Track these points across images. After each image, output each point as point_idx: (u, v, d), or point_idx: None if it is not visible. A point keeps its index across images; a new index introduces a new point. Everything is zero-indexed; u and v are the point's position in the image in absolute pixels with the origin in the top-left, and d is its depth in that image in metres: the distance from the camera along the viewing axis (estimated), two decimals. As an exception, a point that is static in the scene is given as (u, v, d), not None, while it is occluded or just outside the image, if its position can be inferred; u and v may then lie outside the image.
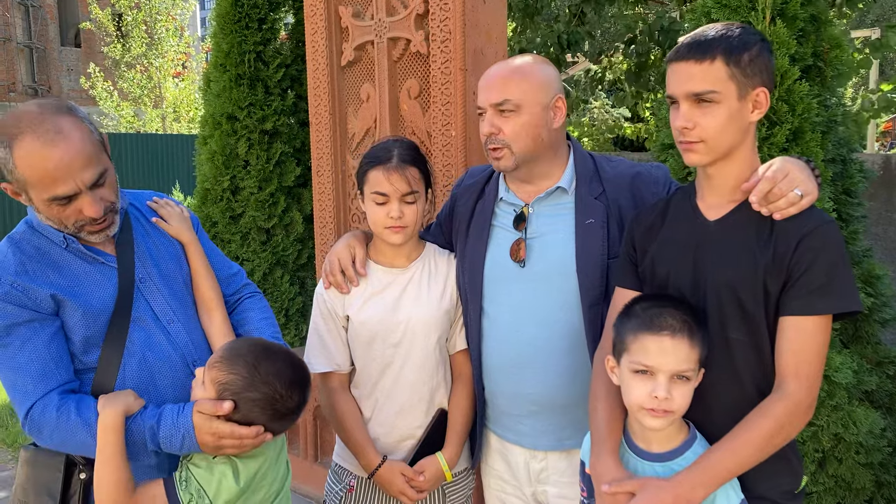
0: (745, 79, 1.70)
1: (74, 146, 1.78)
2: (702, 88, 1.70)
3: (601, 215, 2.09)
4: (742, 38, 1.71)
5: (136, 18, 20.31)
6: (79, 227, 1.86)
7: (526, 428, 2.18)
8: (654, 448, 1.78)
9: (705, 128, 1.72)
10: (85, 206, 1.82)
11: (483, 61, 3.13)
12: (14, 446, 5.40)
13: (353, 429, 2.24)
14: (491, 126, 2.08)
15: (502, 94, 2.06)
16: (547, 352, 2.11)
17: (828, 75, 2.94)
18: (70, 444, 1.80)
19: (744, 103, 1.71)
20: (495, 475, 2.31)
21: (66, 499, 1.86)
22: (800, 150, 2.75)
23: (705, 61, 1.70)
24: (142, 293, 1.97)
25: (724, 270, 1.76)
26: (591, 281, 2.06)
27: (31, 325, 1.81)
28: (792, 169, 1.70)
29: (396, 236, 2.16)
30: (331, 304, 2.25)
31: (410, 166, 2.15)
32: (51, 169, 1.75)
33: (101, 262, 1.93)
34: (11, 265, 1.83)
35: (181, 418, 1.80)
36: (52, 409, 1.78)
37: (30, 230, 1.91)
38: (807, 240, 1.67)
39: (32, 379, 1.79)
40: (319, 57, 3.55)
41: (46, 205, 1.81)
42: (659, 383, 1.68)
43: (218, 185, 4.86)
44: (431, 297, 2.23)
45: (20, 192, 1.83)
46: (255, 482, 1.84)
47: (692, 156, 1.77)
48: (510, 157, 2.09)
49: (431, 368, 2.24)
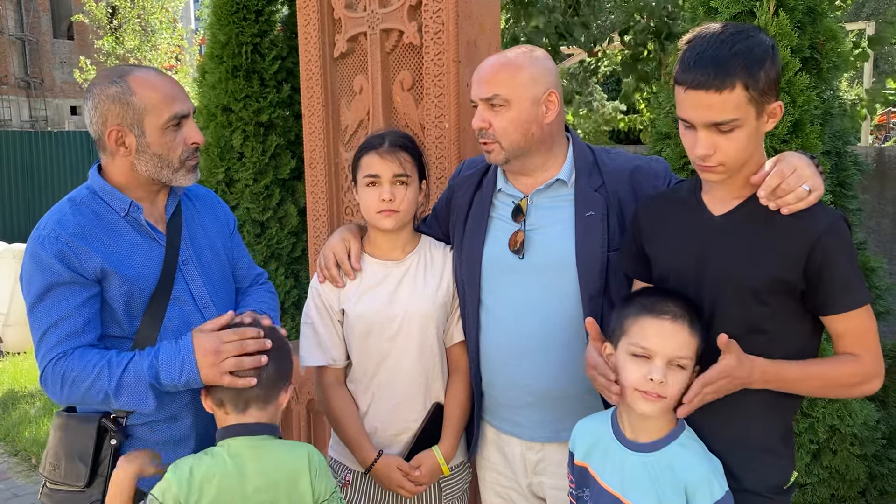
0: (763, 97, 1.66)
1: (175, 79, 2.03)
2: (723, 118, 1.65)
3: (601, 208, 2.08)
4: (756, 55, 1.64)
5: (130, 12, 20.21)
6: (183, 159, 2.01)
7: (523, 419, 2.18)
8: (641, 439, 1.78)
9: (726, 152, 1.69)
10: (192, 132, 2.00)
11: (476, 53, 3.11)
12: (6, 440, 5.38)
13: (349, 423, 2.23)
14: (481, 121, 2.07)
15: (491, 88, 2.05)
16: (545, 344, 2.10)
17: (824, 67, 2.94)
18: (77, 395, 1.88)
19: (762, 119, 1.69)
20: (491, 468, 2.30)
21: (97, 464, 1.93)
22: (800, 142, 2.75)
23: (724, 91, 1.63)
24: (183, 274, 2.06)
25: (729, 265, 1.76)
26: (591, 273, 2.06)
27: (71, 287, 1.88)
28: (799, 164, 1.70)
29: (388, 220, 2.15)
30: (326, 298, 2.24)
31: (402, 151, 2.16)
32: (166, 86, 1.96)
33: (153, 238, 2.03)
34: (71, 225, 1.92)
35: (181, 342, 1.89)
36: (61, 365, 1.86)
37: (91, 195, 2.00)
38: (826, 238, 1.67)
39: (59, 336, 1.87)
40: (312, 48, 3.52)
41: (161, 132, 1.95)
42: (655, 366, 1.70)
43: (213, 177, 4.84)
44: (427, 289, 2.22)
45: (131, 129, 1.94)
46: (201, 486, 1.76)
47: (711, 176, 1.74)
48: (500, 151, 2.08)
49: (428, 361, 2.23)
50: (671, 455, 1.74)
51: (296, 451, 1.86)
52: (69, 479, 1.94)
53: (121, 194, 2.00)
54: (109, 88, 1.93)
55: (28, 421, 5.66)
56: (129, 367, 1.86)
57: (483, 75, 2.09)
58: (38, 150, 16.55)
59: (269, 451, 1.83)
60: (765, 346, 1.73)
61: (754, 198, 1.74)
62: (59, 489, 1.98)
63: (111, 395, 1.85)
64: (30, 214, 16.15)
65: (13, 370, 7.11)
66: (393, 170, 2.13)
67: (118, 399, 1.86)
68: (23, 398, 6.28)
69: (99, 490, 1.92)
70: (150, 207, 2.07)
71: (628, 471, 1.78)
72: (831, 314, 1.71)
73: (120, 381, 1.84)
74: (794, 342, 1.77)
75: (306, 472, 1.83)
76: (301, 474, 1.83)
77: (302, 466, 1.83)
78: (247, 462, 1.79)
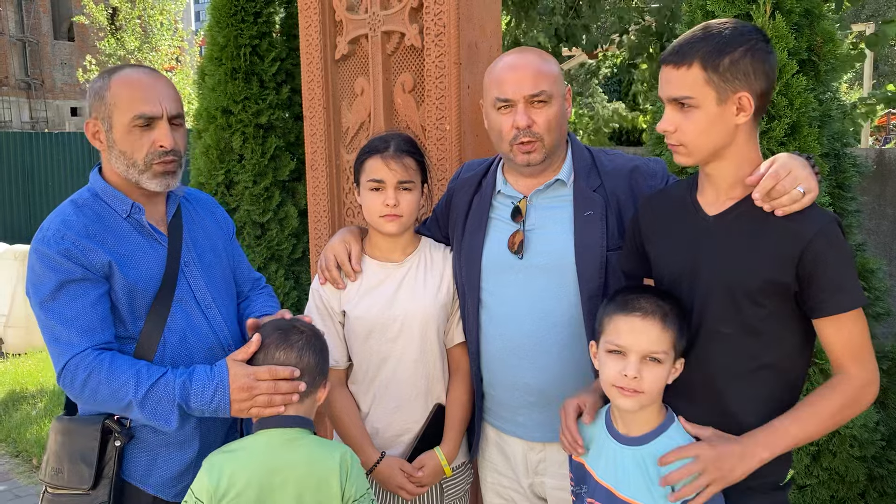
0: (725, 84, 1.70)
1: (165, 80, 2.03)
2: (679, 94, 1.73)
3: (600, 207, 2.09)
4: (725, 41, 1.70)
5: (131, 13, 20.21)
6: (149, 162, 1.97)
7: (524, 419, 2.19)
8: (633, 432, 1.82)
9: (685, 132, 1.75)
10: (161, 135, 1.96)
11: (477, 55, 3.12)
12: (8, 440, 5.39)
13: (351, 425, 2.24)
14: (526, 118, 2.05)
15: (537, 85, 2.05)
16: (546, 343, 2.11)
17: (821, 69, 2.95)
18: (99, 396, 1.87)
19: (725, 107, 1.72)
20: (492, 468, 2.31)
21: (102, 465, 1.94)
22: (797, 144, 2.76)
23: (682, 66, 1.72)
24: (185, 275, 2.07)
25: (721, 266, 1.77)
26: (590, 273, 2.07)
27: (83, 284, 1.90)
28: (795, 166, 1.71)
29: (391, 225, 2.16)
30: (327, 299, 2.25)
31: (406, 156, 2.17)
32: (142, 86, 1.96)
33: (155, 239, 2.04)
34: (76, 225, 1.94)
35: (216, 369, 1.90)
36: (89, 362, 1.86)
37: (93, 197, 2.02)
38: (818, 240, 1.68)
39: (77, 332, 1.89)
40: (313, 50, 3.53)
41: (127, 130, 1.95)
42: (629, 362, 1.74)
43: (212, 179, 4.84)
44: (428, 290, 2.23)
45: (103, 124, 1.97)
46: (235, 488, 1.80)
47: (677, 157, 1.81)
48: (542, 149, 2.09)
49: (429, 362, 2.24)
50: (659, 448, 1.77)
51: (329, 449, 1.88)
52: (73, 482, 1.94)
53: (122, 195, 2.02)
54: (97, 83, 2.01)
55: (30, 422, 5.67)
56: (161, 381, 1.86)
57: (523, 73, 2.06)
58: (38, 151, 16.55)
59: (301, 446, 1.86)
60: (759, 349, 1.75)
61: (748, 199, 1.75)
62: (62, 493, 1.98)
63: (135, 405, 1.85)
64: (30, 215, 16.15)
65: (14, 371, 7.11)
66: (398, 176, 2.14)
67: (143, 411, 1.86)
68: (24, 399, 6.29)
69: (104, 492, 1.93)
70: (151, 209, 2.08)
71: (620, 464, 1.81)
72: (821, 316, 1.71)
73: (148, 393, 1.85)
74: (787, 346, 1.77)
75: (337, 472, 1.84)
76: (332, 473, 1.84)
77: (333, 466, 1.85)
78: (277, 454, 1.83)
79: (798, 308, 1.75)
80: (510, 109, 2.07)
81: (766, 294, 1.73)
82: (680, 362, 1.79)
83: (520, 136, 2.06)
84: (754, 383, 1.76)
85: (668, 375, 1.77)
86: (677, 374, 1.79)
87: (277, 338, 1.93)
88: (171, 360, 1.99)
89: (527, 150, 2.07)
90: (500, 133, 2.10)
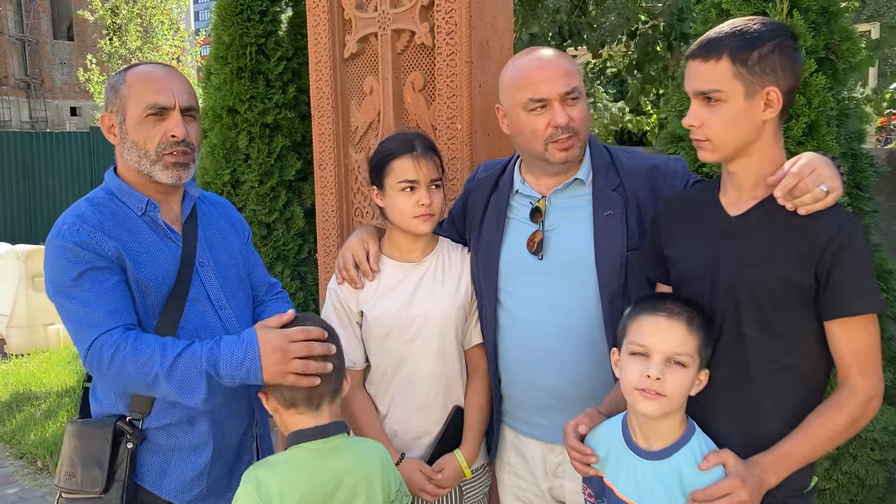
0: (753, 77, 1.68)
1: (180, 74, 2.05)
2: (706, 87, 1.70)
3: (619, 207, 2.07)
4: (754, 36, 1.68)
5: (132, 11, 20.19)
6: (160, 153, 1.97)
7: (543, 421, 2.16)
8: (654, 445, 1.76)
9: (710, 126, 1.72)
10: (173, 125, 1.97)
11: (489, 53, 3.09)
12: (11, 442, 5.35)
13: (369, 426, 2.22)
14: (565, 117, 2.03)
15: (569, 82, 2.05)
16: (565, 345, 2.08)
17: (839, 68, 2.91)
18: (125, 372, 1.84)
19: (752, 102, 1.69)
20: (510, 471, 2.28)
21: (114, 468, 1.92)
22: (815, 143, 2.73)
23: (710, 60, 1.70)
24: (199, 275, 2.05)
25: (743, 267, 1.74)
26: (611, 274, 2.04)
27: (103, 272, 1.90)
28: (819, 165, 1.68)
29: (426, 225, 2.15)
30: (344, 299, 2.23)
31: (434, 154, 2.18)
32: (156, 78, 1.99)
33: (169, 238, 2.04)
34: (91, 220, 1.95)
35: (244, 334, 1.86)
36: (115, 339, 1.84)
37: (108, 196, 2.03)
38: (837, 240, 1.65)
39: (103, 314, 1.87)
40: (322, 49, 3.50)
41: (139, 120, 1.96)
42: (653, 363, 1.69)
43: (218, 178, 4.81)
44: (446, 291, 2.21)
45: (117, 116, 1.99)
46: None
47: (701, 153, 1.78)
48: (578, 144, 2.08)
49: (447, 364, 2.21)
50: (681, 461, 1.72)
51: (370, 450, 1.88)
52: (86, 486, 1.92)
53: (138, 193, 2.01)
54: (114, 78, 2.04)
55: (33, 423, 5.63)
56: (186, 351, 1.84)
57: (555, 71, 2.06)
58: (38, 150, 16.54)
59: (347, 452, 1.83)
60: (780, 351, 1.72)
61: (771, 198, 1.73)
62: (76, 498, 1.96)
63: (162, 377, 1.81)
64: (30, 215, 16.13)
65: (17, 372, 7.08)
66: (429, 175, 2.14)
67: (169, 382, 1.81)
68: (27, 400, 6.25)
69: (117, 495, 1.91)
70: (166, 208, 2.07)
71: (642, 479, 1.76)
72: (833, 318, 1.68)
73: (174, 363, 1.81)
74: (808, 348, 1.74)
75: (379, 471, 1.84)
76: (374, 474, 1.83)
77: (375, 467, 1.84)
78: (324, 465, 1.79)
79: (819, 311, 1.72)
80: (545, 109, 2.05)
81: (787, 295, 1.70)
82: (704, 373, 1.75)
83: (557, 134, 2.04)
84: (777, 385, 1.73)
85: (692, 382, 1.72)
86: (701, 385, 1.74)
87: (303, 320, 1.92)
88: None
89: (565, 147, 2.06)
90: (533, 133, 2.07)
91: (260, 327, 1.88)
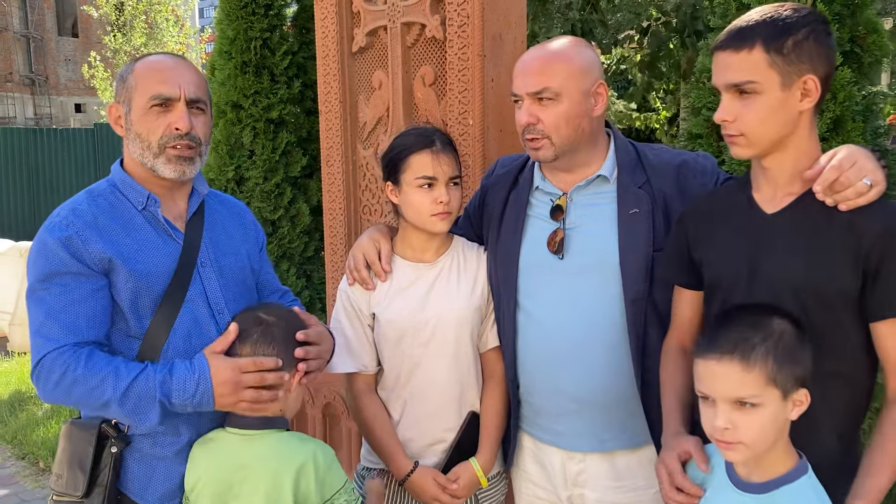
0: (789, 66, 1.58)
1: (190, 65, 1.99)
2: (740, 78, 1.60)
3: (646, 205, 1.98)
4: (787, 22, 1.59)
5: (137, 8, 20.17)
6: (163, 145, 1.90)
7: (564, 428, 2.07)
8: (754, 476, 1.58)
9: (745, 120, 1.62)
10: (177, 117, 1.90)
11: (501, 47, 3.01)
12: (13, 442, 5.28)
13: (382, 433, 2.14)
14: (529, 116, 1.96)
15: (540, 81, 1.95)
16: (587, 348, 2.00)
17: (865, 62, 2.83)
18: (74, 395, 1.80)
19: (789, 92, 1.60)
20: (528, 479, 2.20)
21: (97, 472, 1.85)
22: (841, 139, 2.65)
23: (743, 49, 1.60)
24: (200, 276, 1.98)
25: (783, 267, 1.65)
26: (635, 275, 1.95)
27: (77, 278, 1.83)
28: (860, 157, 1.59)
29: (443, 223, 2.07)
30: (355, 301, 2.14)
31: (452, 149, 2.09)
32: (163, 68, 1.92)
33: (169, 235, 1.96)
34: (85, 214, 1.88)
35: (197, 361, 1.82)
36: (66, 359, 1.78)
37: (110, 188, 1.97)
38: (886, 236, 1.55)
39: (60, 327, 1.81)
40: (329, 43, 3.42)
41: (144, 111, 1.90)
42: (718, 412, 1.52)
43: (222, 175, 4.75)
44: (461, 292, 2.12)
45: (124, 107, 1.93)
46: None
47: (735, 149, 1.68)
48: (549, 147, 1.98)
49: (463, 368, 2.13)
50: (781, 499, 1.54)
51: (293, 448, 1.83)
52: (69, 488, 1.87)
53: (140, 186, 1.95)
54: (124, 69, 1.98)
55: (36, 423, 5.56)
56: (140, 377, 1.78)
57: (530, 68, 1.98)
58: (42, 147, 16.51)
59: (264, 444, 1.83)
60: (823, 357, 1.61)
61: (809, 194, 1.64)
62: (62, 501, 1.91)
63: (114, 403, 1.77)
64: (34, 212, 16.09)
65: (20, 371, 7.02)
66: (449, 172, 2.06)
67: (122, 407, 1.78)
68: (30, 399, 6.18)
69: (98, 500, 1.84)
70: (170, 204, 2.00)
71: None
72: (882, 318, 1.59)
73: (127, 390, 1.77)
74: (854, 353, 1.65)
75: (294, 470, 1.78)
76: (284, 472, 1.79)
77: (289, 465, 1.79)
78: (243, 450, 1.82)
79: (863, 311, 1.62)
80: (520, 105, 2.00)
81: (830, 296, 1.61)
82: (802, 394, 1.53)
83: (526, 133, 1.99)
84: (824, 392, 1.62)
85: (775, 418, 1.51)
86: (802, 407, 1.54)
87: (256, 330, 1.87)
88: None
89: (534, 147, 2.00)
90: (518, 128, 2.02)
91: (209, 354, 1.83)
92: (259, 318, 1.89)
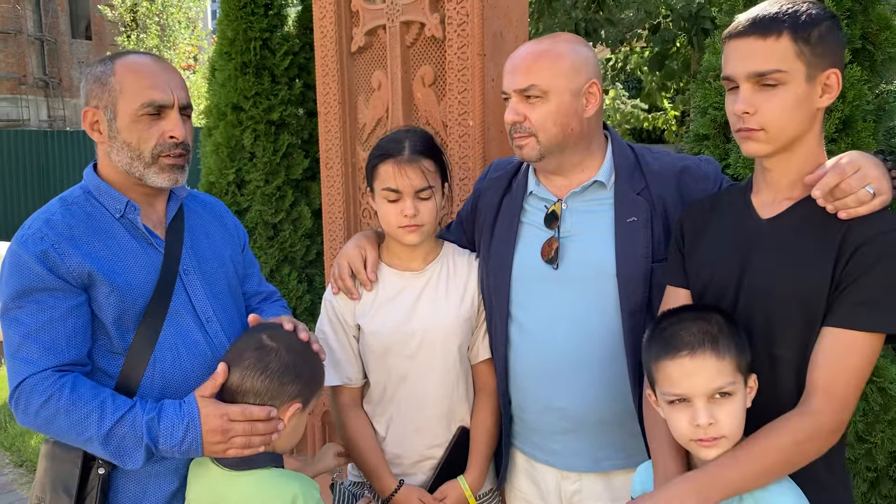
0: (815, 58, 1.50)
1: (173, 67, 1.89)
2: (766, 67, 1.50)
3: (644, 213, 1.89)
4: (811, 14, 1.51)
5: (150, 10, 20.23)
6: (156, 155, 1.81)
7: (558, 447, 1.98)
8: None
9: (767, 113, 1.52)
10: (172, 125, 1.81)
11: (503, 45, 2.93)
12: (12, 449, 5.23)
13: (366, 449, 2.06)
14: (515, 114, 1.89)
15: (528, 79, 1.87)
16: (582, 363, 1.91)
17: (877, 59, 2.72)
18: (55, 426, 1.69)
19: (812, 86, 1.51)
20: (521, 497, 2.12)
21: (83, 495, 1.76)
22: (850, 140, 2.54)
23: (770, 37, 1.49)
24: (184, 284, 1.88)
25: (773, 277, 1.56)
26: (633, 286, 1.86)
27: (54, 294, 1.72)
28: (865, 164, 1.50)
29: (412, 236, 1.97)
30: (340, 311, 2.06)
31: (424, 158, 1.96)
32: (152, 72, 1.82)
33: (150, 243, 1.86)
34: (59, 225, 1.77)
35: (185, 406, 1.73)
36: (48, 385, 1.68)
37: (84, 195, 1.86)
38: (867, 246, 1.46)
39: (39, 348, 1.70)
40: (328, 43, 3.36)
41: (134, 119, 1.79)
42: (697, 409, 1.48)
43: (223, 178, 4.68)
44: (450, 302, 2.04)
45: (105, 112, 1.81)
46: None
47: (751, 144, 1.56)
48: (535, 146, 1.90)
49: (452, 382, 2.04)
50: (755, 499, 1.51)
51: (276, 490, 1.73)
52: None
53: (117, 193, 1.84)
54: (97, 69, 1.84)
55: (35, 429, 5.51)
56: (127, 417, 1.69)
57: (518, 65, 1.91)
58: (55, 149, 16.56)
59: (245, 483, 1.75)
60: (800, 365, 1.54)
61: (808, 200, 1.55)
62: None
63: (97, 441, 1.68)
64: (45, 214, 16.14)
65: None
66: (415, 185, 1.95)
67: (106, 447, 1.69)
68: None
69: None
70: (149, 210, 1.90)
71: None
72: (827, 324, 1.49)
73: (112, 429, 1.68)
74: None
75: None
76: None
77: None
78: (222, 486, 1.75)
79: None
80: (508, 103, 1.94)
81: (818, 307, 1.51)
82: (752, 379, 1.55)
83: (513, 131, 1.93)
84: None
85: (745, 402, 1.52)
86: (753, 393, 1.54)
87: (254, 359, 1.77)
88: (162, 380, 1.81)
89: (519, 145, 1.93)
90: (507, 126, 1.96)
91: (200, 399, 1.74)
92: (258, 341, 1.79)
